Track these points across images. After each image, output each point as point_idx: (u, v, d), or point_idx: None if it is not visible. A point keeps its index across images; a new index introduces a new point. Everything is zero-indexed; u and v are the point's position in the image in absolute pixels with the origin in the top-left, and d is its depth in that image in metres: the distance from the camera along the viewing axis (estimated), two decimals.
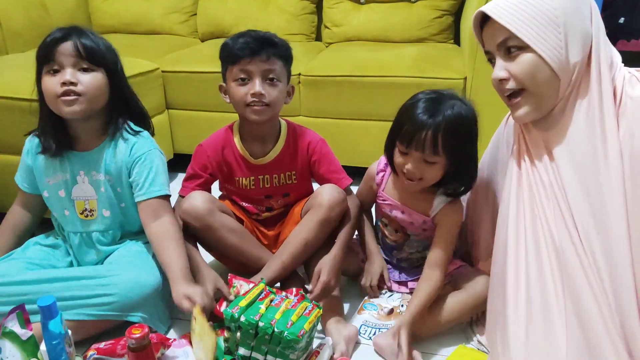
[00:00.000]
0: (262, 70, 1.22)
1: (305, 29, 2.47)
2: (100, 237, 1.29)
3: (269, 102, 1.23)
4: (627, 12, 2.88)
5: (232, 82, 1.25)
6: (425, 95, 1.14)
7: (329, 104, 1.95)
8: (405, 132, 1.12)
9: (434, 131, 1.09)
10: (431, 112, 1.10)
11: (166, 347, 1.09)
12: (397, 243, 1.34)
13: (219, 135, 1.37)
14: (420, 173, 1.15)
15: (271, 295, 1.13)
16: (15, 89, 1.54)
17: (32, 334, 0.96)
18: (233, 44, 1.24)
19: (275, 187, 1.38)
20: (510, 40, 0.92)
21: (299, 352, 1.05)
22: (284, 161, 1.35)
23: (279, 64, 1.25)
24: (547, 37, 0.89)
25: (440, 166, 1.14)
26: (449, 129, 1.09)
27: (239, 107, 1.27)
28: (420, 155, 1.12)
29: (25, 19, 2.18)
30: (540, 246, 0.96)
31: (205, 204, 1.28)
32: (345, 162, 1.93)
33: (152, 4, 2.58)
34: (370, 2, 2.37)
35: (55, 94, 1.16)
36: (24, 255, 1.27)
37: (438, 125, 1.08)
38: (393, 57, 1.99)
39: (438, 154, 1.11)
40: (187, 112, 2.10)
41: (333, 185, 1.31)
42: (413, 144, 1.11)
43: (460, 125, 1.10)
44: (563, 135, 0.95)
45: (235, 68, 1.23)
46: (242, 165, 1.35)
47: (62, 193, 1.28)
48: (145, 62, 1.96)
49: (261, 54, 1.21)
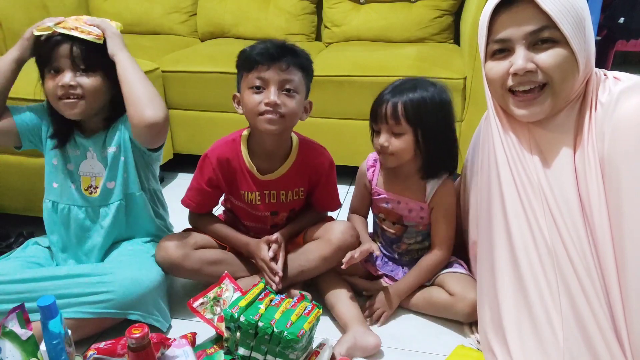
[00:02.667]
0: (279, 79, 1.15)
1: (305, 29, 2.47)
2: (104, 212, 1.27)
3: (284, 113, 1.16)
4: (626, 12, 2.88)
5: (246, 90, 1.18)
6: (397, 81, 1.24)
7: (329, 104, 1.95)
8: (372, 111, 1.23)
9: (393, 102, 1.18)
10: (395, 90, 1.20)
11: (166, 347, 1.09)
12: (396, 235, 1.35)
13: (226, 144, 1.29)
14: (391, 145, 1.20)
15: (271, 295, 1.14)
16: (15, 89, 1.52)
17: (32, 334, 0.96)
18: (251, 50, 1.18)
19: (282, 204, 1.32)
20: (546, 30, 0.87)
21: (298, 352, 1.05)
22: (292, 178, 1.30)
23: (298, 75, 1.18)
24: (579, 35, 0.87)
25: (408, 138, 1.19)
26: (409, 100, 1.17)
27: (251, 116, 1.19)
28: (386, 126, 1.20)
29: (26, 19, 2.18)
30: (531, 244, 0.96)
31: (177, 251, 1.24)
32: (345, 162, 1.94)
33: (152, 4, 2.58)
34: (370, 2, 2.37)
35: (55, 95, 1.17)
36: (24, 254, 1.27)
37: (399, 98, 1.18)
38: (393, 57, 1.99)
39: (400, 123, 1.18)
40: (187, 112, 2.10)
41: (349, 224, 1.30)
42: (379, 118, 1.21)
43: (423, 99, 1.17)
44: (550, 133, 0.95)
45: (251, 75, 1.16)
46: (249, 179, 1.28)
47: (71, 167, 1.27)
48: (145, 62, 1.96)
49: (280, 61, 1.14)
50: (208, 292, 1.22)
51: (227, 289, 1.22)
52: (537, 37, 0.88)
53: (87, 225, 1.28)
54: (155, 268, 1.24)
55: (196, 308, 1.19)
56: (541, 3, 0.86)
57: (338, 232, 1.27)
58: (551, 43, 0.88)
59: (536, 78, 0.91)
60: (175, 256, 1.25)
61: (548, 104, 0.93)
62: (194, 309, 1.19)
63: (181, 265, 1.26)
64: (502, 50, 0.94)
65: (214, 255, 1.31)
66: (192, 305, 1.19)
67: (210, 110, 2.05)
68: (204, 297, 1.21)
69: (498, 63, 0.94)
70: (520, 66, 0.90)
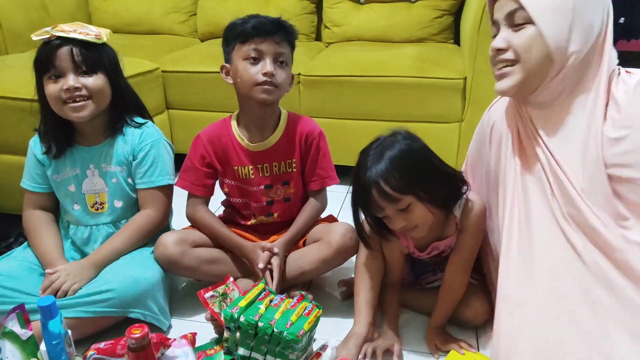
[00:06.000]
0: (274, 52, 1.22)
1: (305, 29, 2.47)
2: (110, 230, 1.30)
3: (278, 83, 1.23)
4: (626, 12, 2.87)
5: (241, 61, 1.23)
6: (363, 157, 1.11)
7: (329, 104, 1.95)
8: (364, 201, 1.10)
9: (376, 185, 1.05)
10: (369, 169, 1.06)
11: (166, 347, 1.09)
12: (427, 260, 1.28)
13: (216, 124, 1.35)
14: (408, 222, 1.08)
15: (271, 295, 1.14)
16: (15, 89, 1.54)
17: (32, 334, 0.96)
18: (244, 23, 1.23)
19: (275, 176, 1.34)
20: (518, 12, 0.93)
21: (298, 352, 1.05)
22: (283, 148, 1.32)
23: (288, 48, 1.26)
24: (554, 18, 0.91)
25: (417, 204, 1.07)
26: (388, 173, 1.04)
27: (246, 87, 1.23)
28: (393, 210, 1.07)
29: (26, 19, 2.19)
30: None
31: (175, 248, 1.25)
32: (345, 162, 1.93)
33: (152, 4, 2.58)
34: (370, 2, 2.37)
35: (60, 99, 1.17)
36: (24, 255, 1.28)
37: (377, 176, 1.04)
38: (393, 57, 1.99)
39: (398, 199, 1.05)
40: (187, 112, 2.10)
41: (349, 226, 1.28)
42: (377, 205, 1.07)
43: (399, 164, 1.05)
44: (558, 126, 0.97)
45: (247, 46, 1.22)
46: (240, 152, 1.31)
47: (72, 188, 1.28)
48: (145, 62, 1.97)
49: (275, 35, 1.22)
50: (217, 287, 1.22)
51: (232, 289, 1.22)
52: (512, 18, 0.94)
53: (90, 245, 1.31)
54: (155, 266, 1.24)
55: (207, 299, 1.19)
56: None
57: (338, 235, 1.27)
58: (525, 24, 0.93)
59: (507, 56, 0.96)
60: (173, 253, 1.25)
61: (516, 81, 0.96)
62: (204, 299, 1.18)
63: (179, 263, 1.26)
64: (496, 31, 1.00)
65: (212, 254, 1.31)
66: (202, 295, 1.19)
67: (210, 110, 2.04)
68: (214, 290, 1.21)
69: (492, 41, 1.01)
70: (493, 45, 0.98)
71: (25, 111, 1.44)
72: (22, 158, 1.55)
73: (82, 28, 1.19)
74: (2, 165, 1.64)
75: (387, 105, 1.90)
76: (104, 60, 1.20)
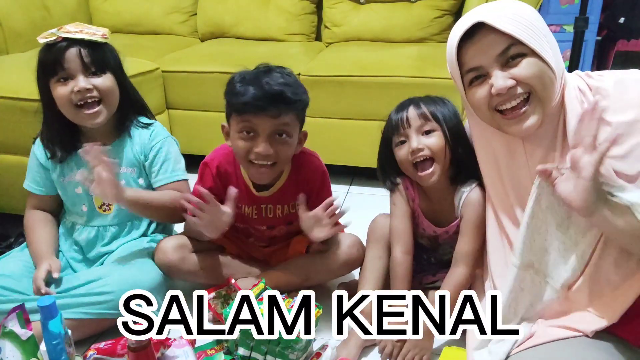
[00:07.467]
0: (270, 128, 1.09)
1: (305, 29, 2.47)
2: (116, 231, 1.30)
3: (276, 160, 1.13)
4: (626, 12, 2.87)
5: (236, 133, 1.12)
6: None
7: (329, 104, 1.95)
8: (391, 123, 1.17)
9: (415, 103, 1.15)
10: (406, 102, 1.17)
11: (166, 347, 1.09)
12: (430, 247, 1.30)
13: (226, 156, 1.26)
14: (426, 146, 1.12)
15: None
16: (16, 89, 1.54)
17: (32, 334, 0.96)
18: (240, 89, 1.08)
19: (278, 218, 1.30)
20: (512, 48, 0.91)
21: (298, 352, 1.06)
22: (287, 193, 1.26)
23: (290, 117, 1.11)
24: (543, 44, 0.92)
25: (439, 134, 1.12)
26: (427, 99, 1.16)
27: (240, 161, 1.18)
28: (414, 129, 1.13)
29: (26, 19, 2.19)
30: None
31: (175, 254, 1.26)
32: (345, 162, 1.94)
33: (152, 4, 2.58)
34: (370, 2, 2.37)
35: (71, 102, 1.16)
36: (22, 255, 1.28)
37: (416, 99, 1.16)
38: (393, 57, 1.99)
39: (429, 119, 1.13)
40: (187, 112, 2.10)
41: (356, 239, 1.29)
42: (402, 124, 1.14)
43: (441, 100, 1.16)
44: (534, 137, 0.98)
45: (241, 119, 1.10)
46: (245, 194, 1.26)
47: (79, 190, 1.28)
48: (145, 62, 1.97)
49: (272, 110, 1.07)
50: (220, 289, 1.22)
51: (234, 290, 1.23)
52: (507, 56, 0.92)
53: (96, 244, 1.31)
54: (155, 269, 1.24)
55: (209, 301, 1.20)
56: (500, 27, 0.90)
57: (345, 247, 1.27)
58: (520, 57, 0.92)
59: (518, 91, 0.93)
60: (173, 259, 1.26)
61: (538, 114, 0.94)
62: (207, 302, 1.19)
63: (179, 268, 1.27)
64: (479, 77, 0.97)
65: (211, 258, 1.32)
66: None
67: (210, 110, 2.04)
68: (216, 292, 1.22)
69: (478, 89, 0.97)
70: (500, 86, 0.92)
71: (26, 111, 1.44)
72: (22, 158, 1.57)
73: (87, 28, 1.18)
74: (2, 165, 1.64)
75: (387, 105, 1.86)
76: (110, 59, 1.21)
